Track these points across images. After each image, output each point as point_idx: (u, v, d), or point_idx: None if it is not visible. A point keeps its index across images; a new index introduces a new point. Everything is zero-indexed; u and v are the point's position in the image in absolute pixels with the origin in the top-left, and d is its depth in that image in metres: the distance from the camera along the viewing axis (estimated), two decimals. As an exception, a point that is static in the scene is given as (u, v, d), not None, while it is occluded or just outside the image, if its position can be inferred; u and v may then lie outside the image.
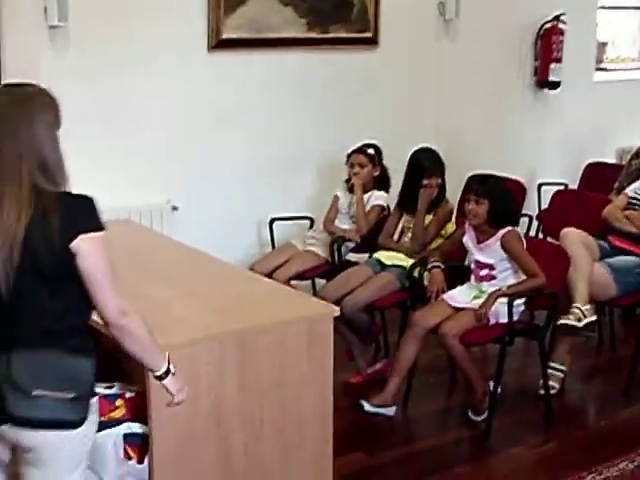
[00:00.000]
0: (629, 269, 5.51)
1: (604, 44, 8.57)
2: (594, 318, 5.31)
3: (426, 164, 5.70)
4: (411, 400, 5.16)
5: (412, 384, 5.24)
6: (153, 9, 5.82)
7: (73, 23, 5.57)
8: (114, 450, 3.90)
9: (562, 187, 7.08)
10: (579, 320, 5.22)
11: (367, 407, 5.11)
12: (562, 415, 5.28)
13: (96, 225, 2.74)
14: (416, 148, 5.78)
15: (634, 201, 5.83)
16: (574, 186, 7.33)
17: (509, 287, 4.99)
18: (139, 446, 3.94)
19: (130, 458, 3.95)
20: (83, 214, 2.77)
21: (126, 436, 3.92)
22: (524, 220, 6.44)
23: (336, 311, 4.38)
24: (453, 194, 5.78)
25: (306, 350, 4.17)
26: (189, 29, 6.03)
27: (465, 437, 5.04)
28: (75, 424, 2.92)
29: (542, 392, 5.27)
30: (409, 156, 5.78)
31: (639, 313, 5.93)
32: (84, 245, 2.72)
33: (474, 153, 6.72)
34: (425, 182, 5.62)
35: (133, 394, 3.98)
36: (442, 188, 5.73)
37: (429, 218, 5.64)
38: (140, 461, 3.96)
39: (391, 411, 5.14)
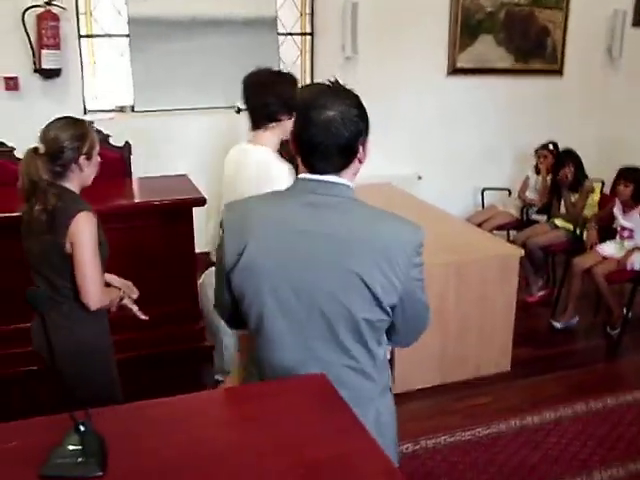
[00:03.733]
0: None
1: None
2: None
3: (560, 157, 5.51)
4: (568, 316, 5.04)
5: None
6: (413, 48, 5.88)
7: (361, 55, 5.71)
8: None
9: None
10: None
11: (558, 325, 4.99)
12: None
13: None
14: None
15: None
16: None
17: (643, 245, 4.81)
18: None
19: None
20: None
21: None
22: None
23: (521, 252, 4.37)
24: (609, 178, 5.50)
25: (499, 276, 4.20)
26: (435, 60, 6.05)
27: (602, 344, 4.87)
28: None
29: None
30: None
31: None
32: None
33: (626, 150, 6.38)
34: (561, 171, 5.45)
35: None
36: (580, 172, 5.45)
37: (576, 196, 5.44)
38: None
39: (575, 321, 5.03)
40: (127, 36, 5.39)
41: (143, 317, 2.80)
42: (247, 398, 1.74)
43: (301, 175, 1.83)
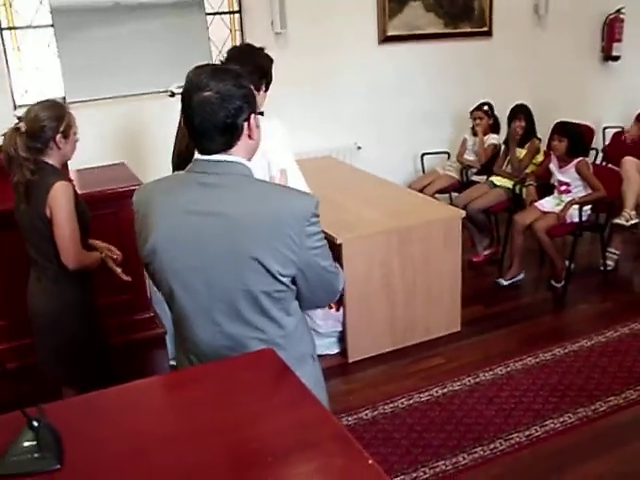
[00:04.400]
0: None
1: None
2: (637, 220, 5.16)
3: (512, 110, 5.60)
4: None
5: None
6: (342, 19, 5.88)
7: (290, 30, 5.70)
8: (322, 303, 4.12)
9: (620, 129, 6.80)
10: (627, 220, 5.10)
11: (504, 282, 5.11)
12: (615, 284, 5.19)
13: None
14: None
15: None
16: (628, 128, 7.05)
17: (580, 198, 4.92)
18: (336, 301, 4.15)
19: (331, 308, 4.16)
20: None
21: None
22: (593, 152, 6.31)
23: (462, 214, 4.45)
24: (544, 136, 5.62)
25: (443, 239, 4.28)
26: (366, 30, 6.05)
27: (549, 297, 5.01)
28: None
29: (602, 268, 5.22)
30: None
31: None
32: None
33: (559, 107, 6.48)
34: (512, 124, 5.56)
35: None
36: (530, 130, 5.56)
37: (523, 152, 5.54)
38: (337, 310, 4.17)
39: (521, 277, 5.15)
40: (51, 26, 5.28)
41: (125, 278, 3.04)
42: (196, 380, 1.77)
43: (195, 156, 1.87)
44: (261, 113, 1.96)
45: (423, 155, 6.32)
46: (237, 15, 5.93)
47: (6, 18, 5.27)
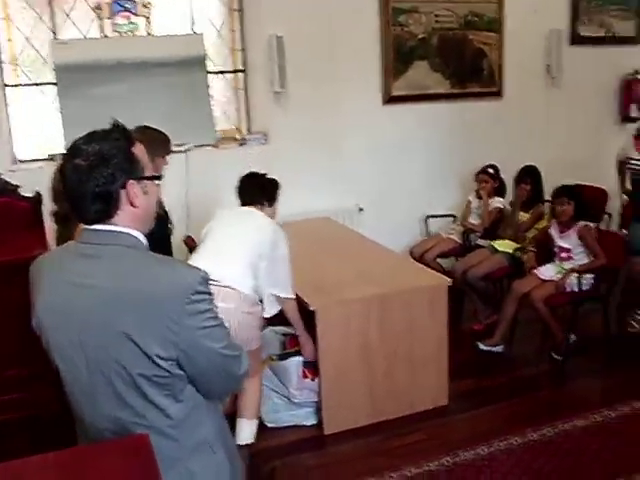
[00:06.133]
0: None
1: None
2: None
3: (519, 173, 5.47)
4: (513, 344, 4.94)
5: (515, 333, 4.99)
6: (344, 78, 5.78)
7: (290, 89, 5.62)
8: (296, 371, 3.94)
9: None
10: None
11: (482, 347, 4.89)
12: (622, 357, 4.82)
13: None
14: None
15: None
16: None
17: (580, 266, 4.68)
18: (312, 370, 3.96)
19: (307, 377, 3.97)
20: None
21: (305, 363, 3.95)
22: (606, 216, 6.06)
23: (449, 282, 4.21)
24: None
25: (428, 308, 4.09)
26: (369, 89, 5.94)
27: (547, 371, 4.70)
28: None
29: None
30: None
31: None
32: None
33: (573, 170, 6.16)
34: (517, 187, 5.44)
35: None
36: (537, 193, 5.40)
37: (527, 217, 5.34)
38: (313, 379, 3.97)
39: (499, 349, 4.90)
40: (54, 84, 5.29)
41: None
42: (63, 464, 1.61)
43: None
44: (158, 177, 1.83)
45: (427, 218, 6.14)
46: (241, 74, 5.90)
47: (11, 76, 5.32)
